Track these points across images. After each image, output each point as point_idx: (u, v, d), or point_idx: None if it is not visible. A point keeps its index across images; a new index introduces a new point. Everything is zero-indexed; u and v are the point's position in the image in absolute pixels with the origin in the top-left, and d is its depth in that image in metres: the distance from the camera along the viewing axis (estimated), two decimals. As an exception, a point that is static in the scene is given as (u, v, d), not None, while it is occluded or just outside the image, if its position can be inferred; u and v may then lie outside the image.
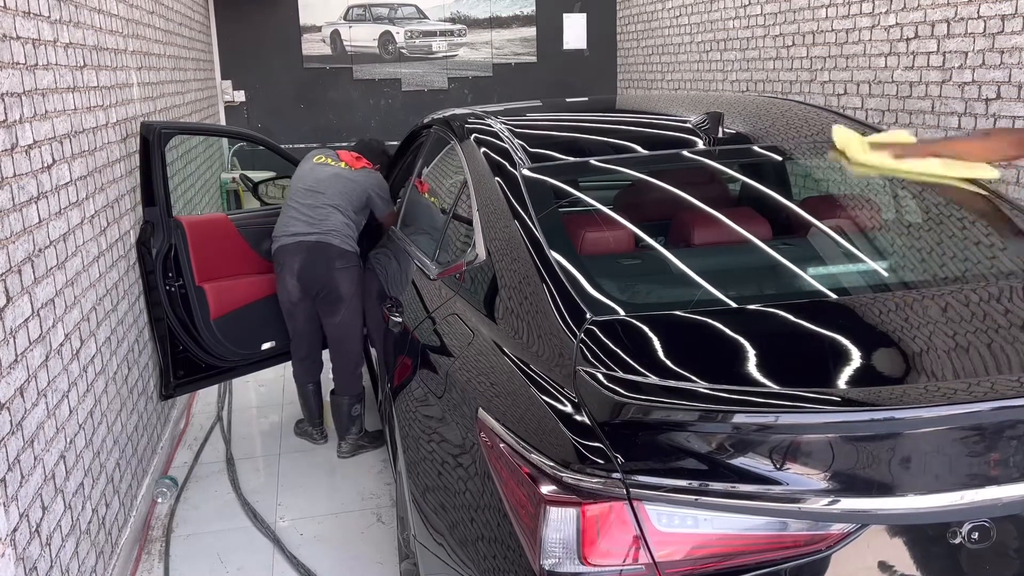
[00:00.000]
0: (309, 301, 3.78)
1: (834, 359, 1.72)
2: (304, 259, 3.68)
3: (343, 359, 3.86)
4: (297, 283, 3.75)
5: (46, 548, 2.31)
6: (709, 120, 2.48)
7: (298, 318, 3.87)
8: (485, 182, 2.38)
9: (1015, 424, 1.51)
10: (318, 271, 3.69)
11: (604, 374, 1.63)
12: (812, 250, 2.32)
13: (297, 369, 4.02)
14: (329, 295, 3.72)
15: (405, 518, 2.40)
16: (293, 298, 3.79)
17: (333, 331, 3.81)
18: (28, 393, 2.29)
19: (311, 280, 3.71)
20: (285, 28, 7.76)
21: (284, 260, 3.74)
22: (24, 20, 2.52)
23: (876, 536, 1.48)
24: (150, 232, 3.60)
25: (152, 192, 3.58)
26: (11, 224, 2.27)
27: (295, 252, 3.71)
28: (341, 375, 3.89)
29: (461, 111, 3.09)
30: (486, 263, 2.20)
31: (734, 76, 6.06)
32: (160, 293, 3.63)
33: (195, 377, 3.81)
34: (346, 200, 3.76)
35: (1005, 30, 3.65)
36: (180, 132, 3.89)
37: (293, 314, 3.85)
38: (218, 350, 3.81)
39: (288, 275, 3.73)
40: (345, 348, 3.84)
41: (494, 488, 1.69)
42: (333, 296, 3.71)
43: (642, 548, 1.46)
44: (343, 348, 3.84)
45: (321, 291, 3.72)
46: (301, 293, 3.76)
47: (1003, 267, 2.10)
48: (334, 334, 3.82)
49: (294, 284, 3.75)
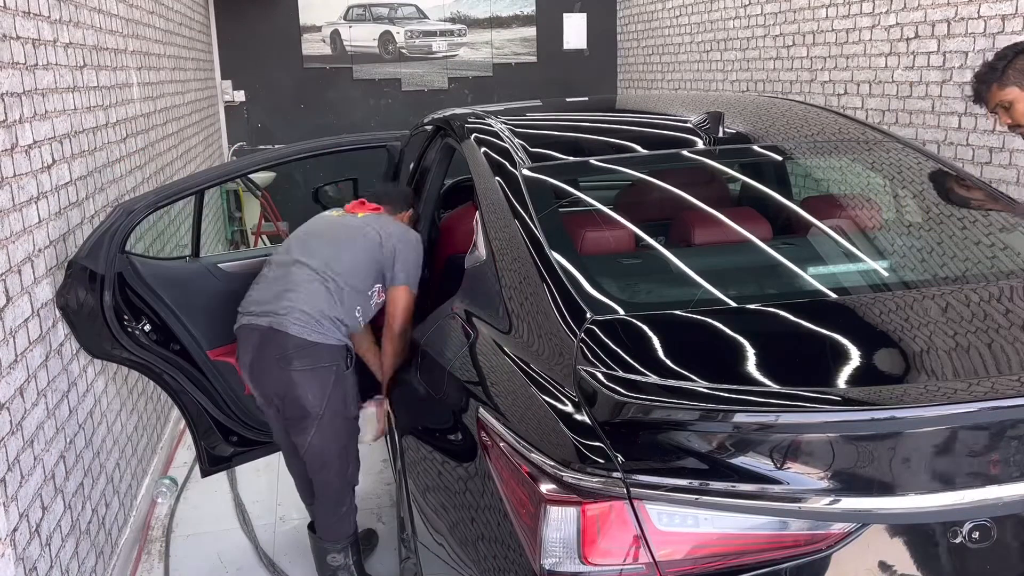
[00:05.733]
0: (273, 409, 2.71)
1: (834, 359, 1.72)
2: (254, 353, 2.62)
3: (320, 492, 2.78)
4: (251, 383, 2.70)
5: (46, 548, 2.31)
6: (709, 120, 2.48)
7: (273, 428, 2.85)
8: (485, 182, 2.38)
9: (1015, 424, 1.51)
10: (267, 371, 2.60)
11: (604, 373, 1.63)
12: (812, 250, 2.32)
13: (296, 484, 3.05)
14: (287, 407, 2.62)
15: (405, 518, 2.40)
16: (258, 402, 2.78)
17: (305, 455, 2.70)
18: (28, 393, 2.29)
19: (261, 383, 2.65)
20: (285, 28, 7.76)
21: (239, 352, 2.70)
22: (24, 20, 2.52)
23: (876, 536, 1.48)
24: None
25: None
26: (11, 224, 2.26)
27: (245, 339, 2.65)
28: (319, 512, 2.83)
29: (461, 111, 3.09)
30: (487, 263, 2.20)
31: (734, 76, 6.06)
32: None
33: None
34: (337, 258, 2.65)
35: (1005, 30, 3.65)
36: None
37: (267, 420, 2.86)
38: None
39: (243, 370, 2.71)
40: (321, 479, 2.74)
41: (494, 488, 1.69)
42: (293, 409, 2.61)
43: (642, 547, 1.46)
44: (319, 479, 2.75)
45: (275, 400, 2.65)
46: (261, 398, 2.71)
47: (1003, 267, 2.10)
48: (308, 459, 2.71)
49: (250, 384, 2.72)
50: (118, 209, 2.66)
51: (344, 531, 2.81)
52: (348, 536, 2.82)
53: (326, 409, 2.60)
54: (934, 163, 2.53)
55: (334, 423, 2.64)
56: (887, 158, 2.52)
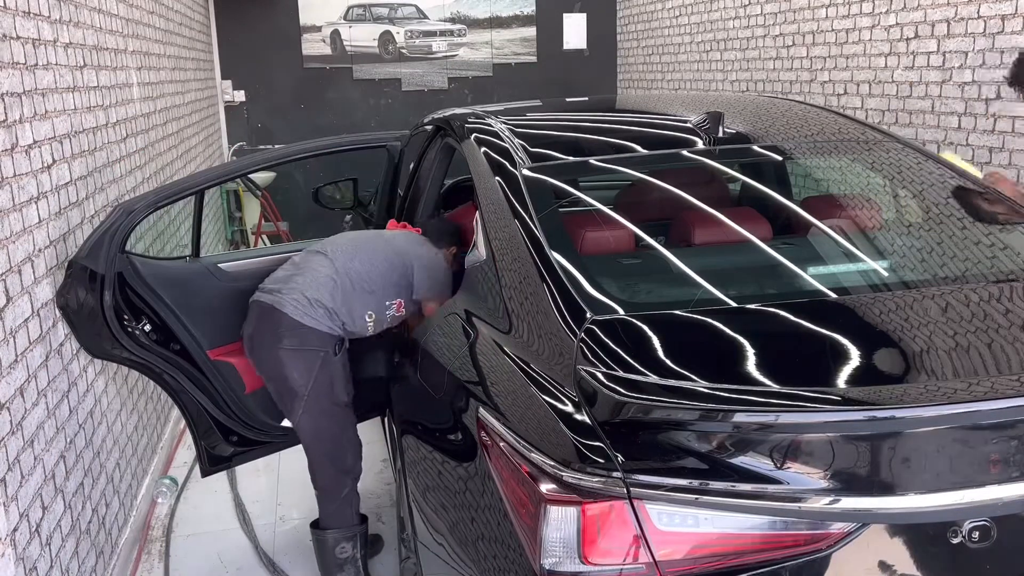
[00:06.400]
0: (272, 386, 2.80)
1: (834, 358, 1.72)
2: (254, 326, 2.74)
3: (315, 476, 2.82)
4: (249, 356, 2.80)
5: (46, 548, 2.31)
6: (709, 120, 2.48)
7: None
8: (485, 182, 2.38)
9: (1015, 423, 1.51)
10: (261, 347, 2.72)
11: (604, 373, 1.63)
12: (812, 250, 2.32)
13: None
14: (276, 383, 2.73)
15: (405, 518, 2.40)
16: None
17: (298, 434, 2.80)
18: (28, 393, 2.29)
19: (258, 357, 2.76)
20: (285, 28, 7.76)
21: (244, 324, 2.82)
22: (24, 20, 2.52)
23: (876, 535, 1.48)
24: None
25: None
26: (11, 224, 2.27)
27: (251, 313, 2.78)
28: (320, 496, 2.85)
29: (461, 111, 3.09)
30: (487, 263, 2.20)
31: (734, 76, 6.06)
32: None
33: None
34: (357, 258, 2.75)
35: (1005, 30, 3.65)
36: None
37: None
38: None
39: (244, 342, 2.82)
40: (316, 463, 2.78)
41: (494, 488, 1.69)
42: (280, 384, 2.71)
43: (642, 547, 1.46)
44: (313, 462, 2.79)
45: (267, 377, 2.77)
46: (260, 374, 2.81)
47: (1003, 267, 2.10)
48: (300, 437, 2.80)
49: (249, 357, 2.82)
50: (118, 209, 2.66)
51: (349, 517, 2.83)
52: (355, 524, 2.85)
53: (311, 390, 2.67)
54: (934, 163, 2.53)
55: (320, 404, 2.70)
56: (887, 158, 2.52)
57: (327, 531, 2.83)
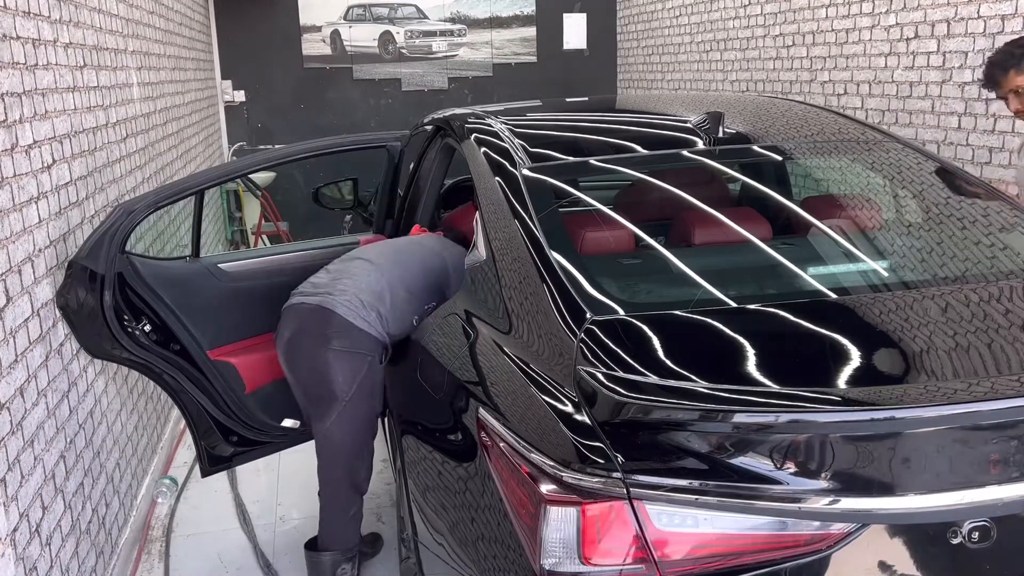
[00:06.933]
0: (300, 391, 2.72)
1: (834, 359, 1.72)
2: (295, 327, 2.63)
3: (329, 490, 2.70)
4: (284, 361, 2.70)
5: (46, 548, 2.31)
6: (709, 120, 2.48)
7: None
8: (485, 182, 2.38)
9: (1015, 424, 1.51)
10: (304, 347, 2.60)
11: (604, 374, 1.63)
12: (812, 250, 2.32)
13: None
14: (315, 386, 2.61)
15: (405, 518, 2.40)
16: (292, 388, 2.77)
17: (320, 441, 2.65)
18: (28, 393, 2.29)
19: (295, 360, 2.65)
20: (285, 28, 7.76)
21: (279, 328, 2.71)
22: (24, 20, 2.52)
23: (876, 536, 1.48)
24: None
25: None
26: (11, 224, 2.27)
27: (291, 317, 2.66)
28: (325, 514, 2.72)
29: (461, 111, 3.09)
30: (487, 263, 2.20)
31: (734, 76, 6.06)
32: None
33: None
34: (395, 260, 2.72)
35: (1005, 30, 3.65)
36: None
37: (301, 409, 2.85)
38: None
39: (279, 347, 2.71)
40: (332, 472, 2.66)
41: (494, 488, 1.69)
42: (320, 387, 2.59)
43: (642, 548, 1.46)
44: (330, 470, 2.67)
45: (305, 378, 2.65)
46: (292, 378, 2.71)
47: (1003, 267, 2.10)
48: (321, 446, 2.65)
49: (283, 362, 2.71)
50: (118, 209, 2.66)
51: (353, 536, 2.76)
52: (357, 544, 2.79)
53: (353, 395, 2.57)
54: (934, 163, 2.53)
55: (357, 411, 2.60)
56: (887, 158, 2.52)
57: (325, 553, 2.73)
